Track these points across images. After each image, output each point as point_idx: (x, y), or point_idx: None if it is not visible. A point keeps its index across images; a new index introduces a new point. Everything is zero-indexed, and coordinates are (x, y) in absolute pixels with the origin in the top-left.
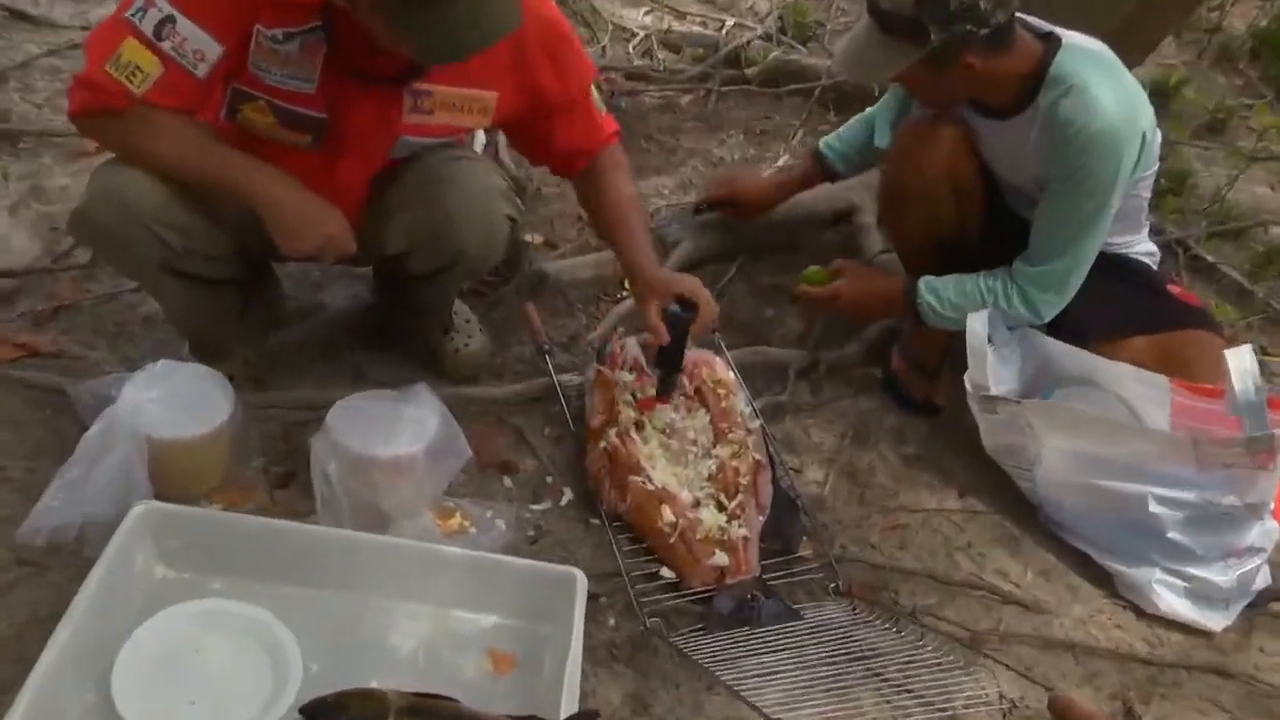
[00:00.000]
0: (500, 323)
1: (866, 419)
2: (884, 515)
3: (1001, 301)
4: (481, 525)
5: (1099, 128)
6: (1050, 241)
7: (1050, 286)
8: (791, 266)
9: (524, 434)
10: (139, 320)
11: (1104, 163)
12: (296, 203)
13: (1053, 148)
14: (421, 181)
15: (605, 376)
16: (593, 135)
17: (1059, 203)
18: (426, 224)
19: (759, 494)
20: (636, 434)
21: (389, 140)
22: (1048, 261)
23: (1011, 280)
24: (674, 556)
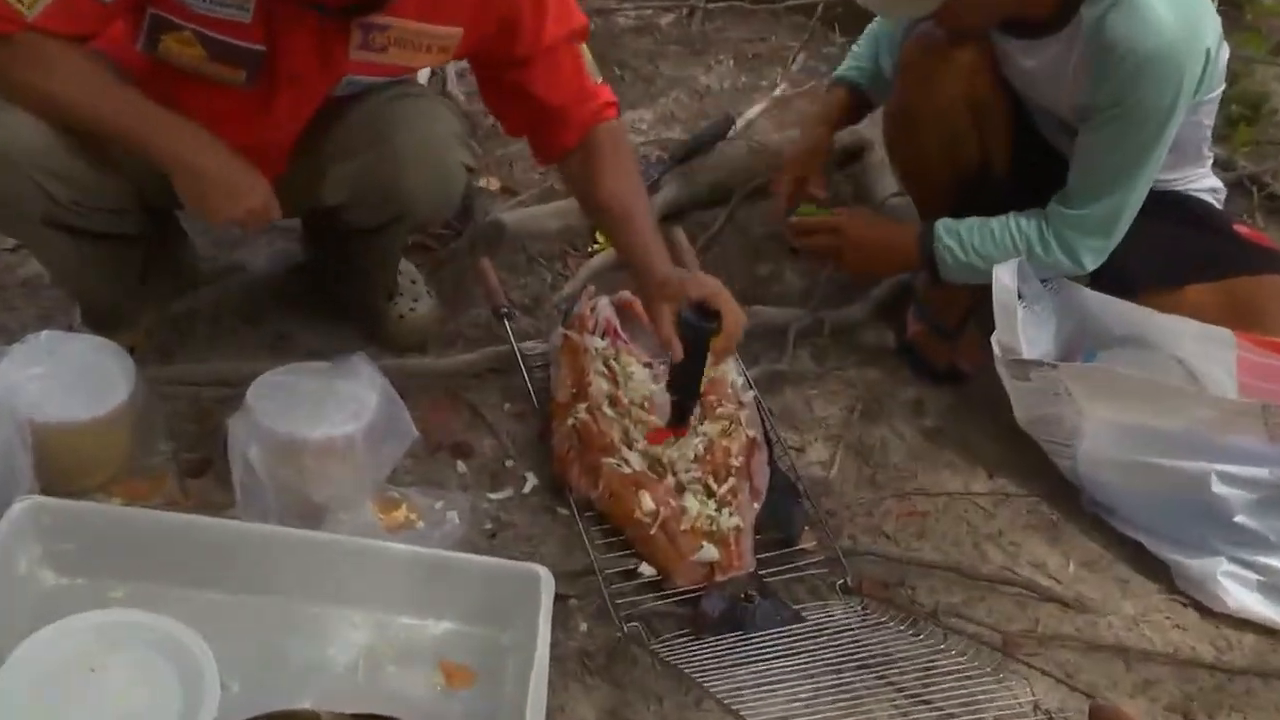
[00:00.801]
0: (451, 282)
1: (878, 389)
2: (899, 500)
3: (1037, 248)
4: (431, 518)
5: (1153, 47)
6: (1094, 179)
7: (1094, 230)
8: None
9: (480, 411)
10: (19, 284)
11: (1159, 88)
12: (216, 169)
13: (1098, 71)
14: (366, 124)
15: (573, 343)
16: (582, 100)
17: (1104, 134)
18: (371, 173)
19: (753, 477)
20: (610, 409)
21: (332, 80)
22: (1091, 202)
23: (1048, 223)
24: (655, 551)
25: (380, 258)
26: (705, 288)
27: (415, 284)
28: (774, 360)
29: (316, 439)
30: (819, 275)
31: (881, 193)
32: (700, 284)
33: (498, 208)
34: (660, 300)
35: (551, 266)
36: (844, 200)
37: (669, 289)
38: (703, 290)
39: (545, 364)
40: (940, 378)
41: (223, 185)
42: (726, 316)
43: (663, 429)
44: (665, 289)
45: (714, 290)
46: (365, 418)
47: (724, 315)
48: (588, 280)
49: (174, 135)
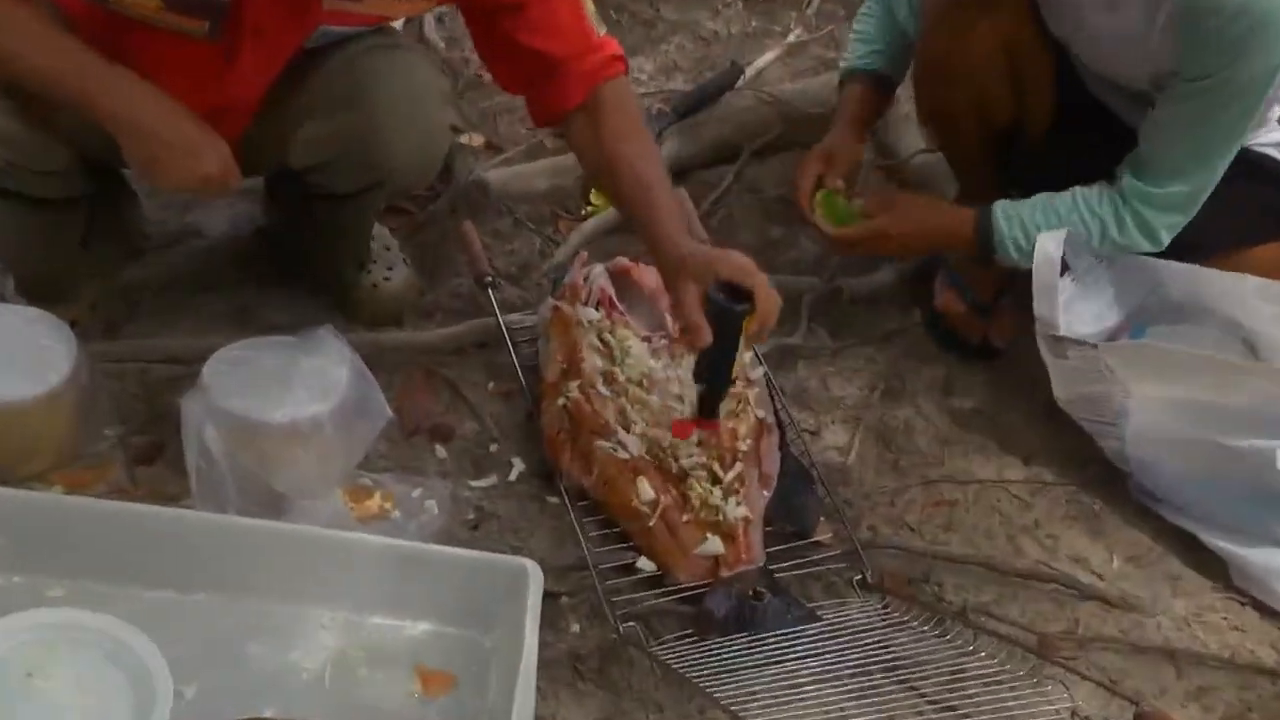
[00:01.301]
0: (429, 249)
1: (902, 366)
2: (925, 488)
3: (1112, 231)
4: (407, 507)
5: (1264, 11)
6: (1177, 154)
7: (1176, 208)
8: None
9: (461, 390)
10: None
11: (1263, 57)
12: (168, 130)
13: (1190, 34)
14: (339, 79)
15: (564, 315)
16: (585, 52)
17: (1193, 106)
18: (345, 135)
19: (763, 463)
20: (605, 388)
21: (303, 31)
22: (1174, 179)
23: (1124, 202)
24: (654, 543)
25: (352, 223)
26: (735, 265)
27: (389, 250)
28: (786, 334)
29: (280, 421)
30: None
31: (906, 149)
32: (729, 261)
33: (481, 166)
34: (684, 279)
35: (541, 230)
36: None
37: (694, 266)
38: (733, 268)
39: (533, 338)
40: (971, 353)
41: (175, 148)
42: (760, 297)
43: (688, 420)
44: (689, 266)
45: (745, 268)
46: (334, 397)
47: (757, 296)
48: (581, 246)
49: (120, 92)
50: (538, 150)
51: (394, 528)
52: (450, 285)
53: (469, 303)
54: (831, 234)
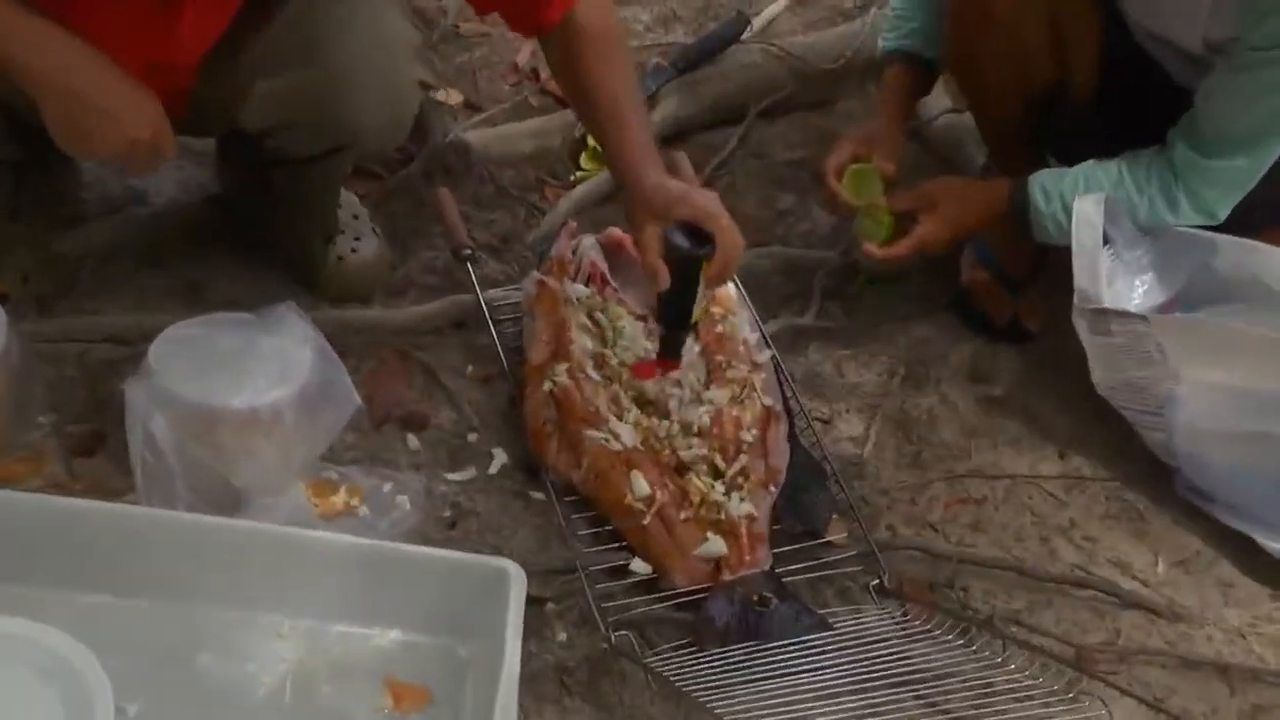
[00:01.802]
0: (402, 218)
1: (925, 348)
2: (950, 484)
3: (1163, 211)
4: (376, 503)
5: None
6: (1239, 126)
7: (1235, 184)
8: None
9: (436, 374)
10: None
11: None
12: (92, 89)
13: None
14: (296, 30)
15: (551, 291)
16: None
17: (1257, 77)
18: (304, 94)
19: (769, 455)
20: (596, 372)
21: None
22: (1235, 153)
23: (1176, 178)
24: (650, 544)
25: (315, 190)
26: (696, 206)
27: (358, 219)
28: (797, 313)
29: (235, 408)
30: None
31: (929, 109)
32: (691, 201)
33: (459, 127)
34: (645, 216)
35: (525, 198)
36: None
37: (656, 204)
38: (694, 209)
39: (517, 317)
40: (1001, 335)
41: (99, 112)
42: (722, 242)
43: (650, 361)
44: (652, 203)
45: (707, 209)
46: (296, 382)
47: (719, 240)
48: (569, 215)
49: (38, 46)
50: (522, 109)
51: (362, 526)
52: (425, 258)
53: (445, 278)
54: (878, 254)
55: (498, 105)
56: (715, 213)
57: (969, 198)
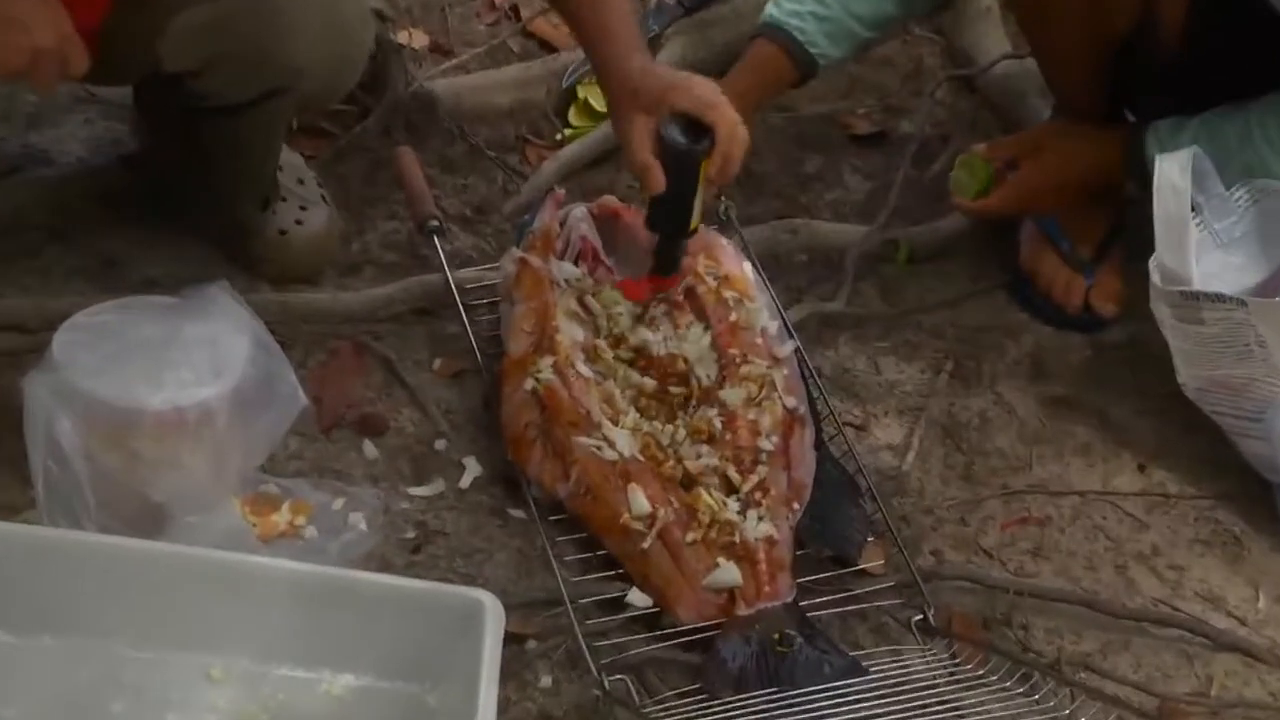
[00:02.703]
0: (356, 183)
1: (978, 340)
2: (1007, 502)
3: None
4: (326, 523)
5: None
6: None
7: None
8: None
9: (397, 369)
10: None
11: None
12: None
13: None
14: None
15: (534, 271)
16: None
17: None
18: (233, 23)
19: (793, 467)
20: (587, 367)
21: None
22: None
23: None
24: (650, 571)
25: (251, 147)
26: (694, 95)
27: (303, 184)
28: (825, 297)
29: (156, 409)
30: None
31: (985, 54)
32: (687, 89)
33: (425, 74)
34: (633, 110)
35: (503, 160)
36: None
37: (646, 96)
38: (691, 98)
39: (494, 301)
40: (1069, 322)
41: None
42: (722, 135)
43: (642, 278)
44: (641, 95)
45: (706, 98)
46: (229, 378)
47: (718, 133)
48: (556, 180)
49: None
50: (499, 54)
51: (308, 549)
52: (383, 231)
53: (408, 255)
54: (972, 206)
55: (471, 49)
56: (714, 101)
57: (1078, 145)
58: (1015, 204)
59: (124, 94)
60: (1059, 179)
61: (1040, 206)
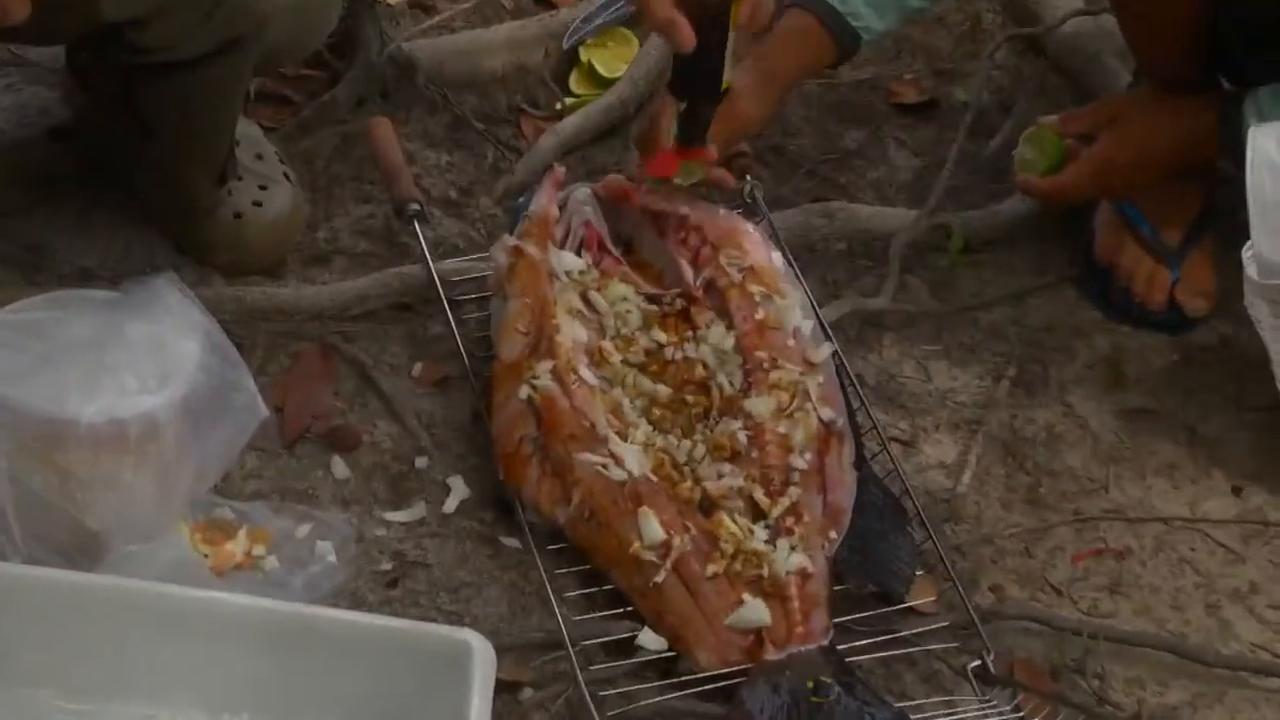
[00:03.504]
0: (324, 159)
1: (1044, 341)
2: (1079, 530)
3: None
4: (289, 553)
5: None
6: None
7: None
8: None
9: (372, 375)
10: None
11: None
12: None
13: None
14: None
15: (531, 263)
16: None
17: None
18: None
19: (829, 488)
20: (591, 372)
21: None
22: None
23: None
24: (665, 609)
25: (203, 114)
26: None
27: (262, 160)
28: (867, 292)
29: (92, 421)
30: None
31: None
32: None
33: (404, 34)
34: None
35: (494, 134)
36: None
37: None
38: None
39: (484, 297)
40: (1151, 322)
41: None
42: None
43: (667, 151)
44: None
45: None
46: (177, 386)
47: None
48: (555, 157)
49: None
50: (490, 10)
51: (269, 583)
52: (356, 215)
53: (384, 243)
54: (1040, 186)
55: (456, 5)
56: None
57: (1164, 115)
58: (1090, 183)
59: (54, 55)
60: (1141, 155)
61: (1119, 186)
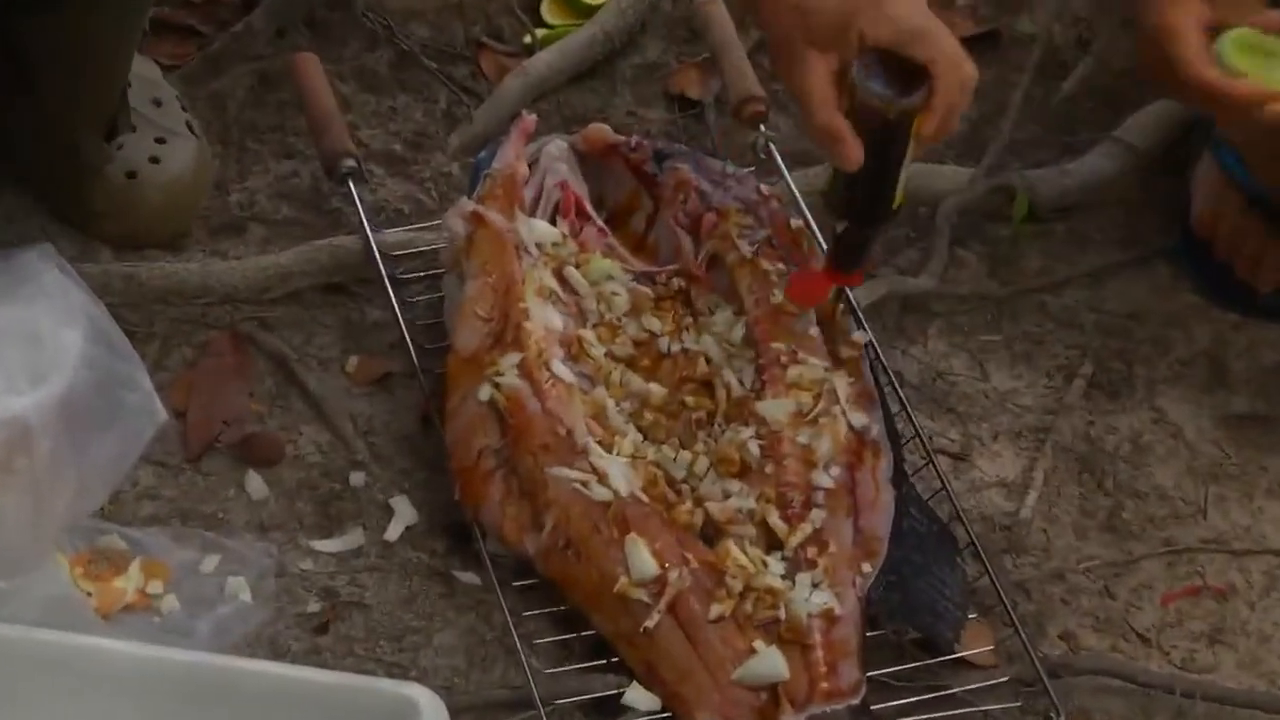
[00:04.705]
0: (237, 104)
1: (1129, 331)
2: (1170, 564)
3: None
4: (194, 591)
5: None
6: None
7: None
8: None
9: (296, 372)
10: None
11: None
12: None
13: None
14: None
15: (493, 232)
16: None
17: None
18: None
19: (862, 512)
20: (568, 367)
21: None
22: None
23: None
24: (658, 660)
25: (89, 51)
26: (895, 20)
27: (161, 107)
28: (909, 269)
29: None
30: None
31: None
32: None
33: None
34: (803, 45)
35: (448, 73)
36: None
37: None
38: (893, 24)
39: (436, 274)
40: (1260, 309)
41: None
42: (940, 75)
43: (814, 271)
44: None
45: (912, 23)
46: (55, 383)
47: (936, 74)
48: (524, 102)
49: None
50: None
51: (168, 628)
52: (276, 174)
53: (311, 208)
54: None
55: None
56: (924, 27)
57: None
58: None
59: None
60: None
61: None
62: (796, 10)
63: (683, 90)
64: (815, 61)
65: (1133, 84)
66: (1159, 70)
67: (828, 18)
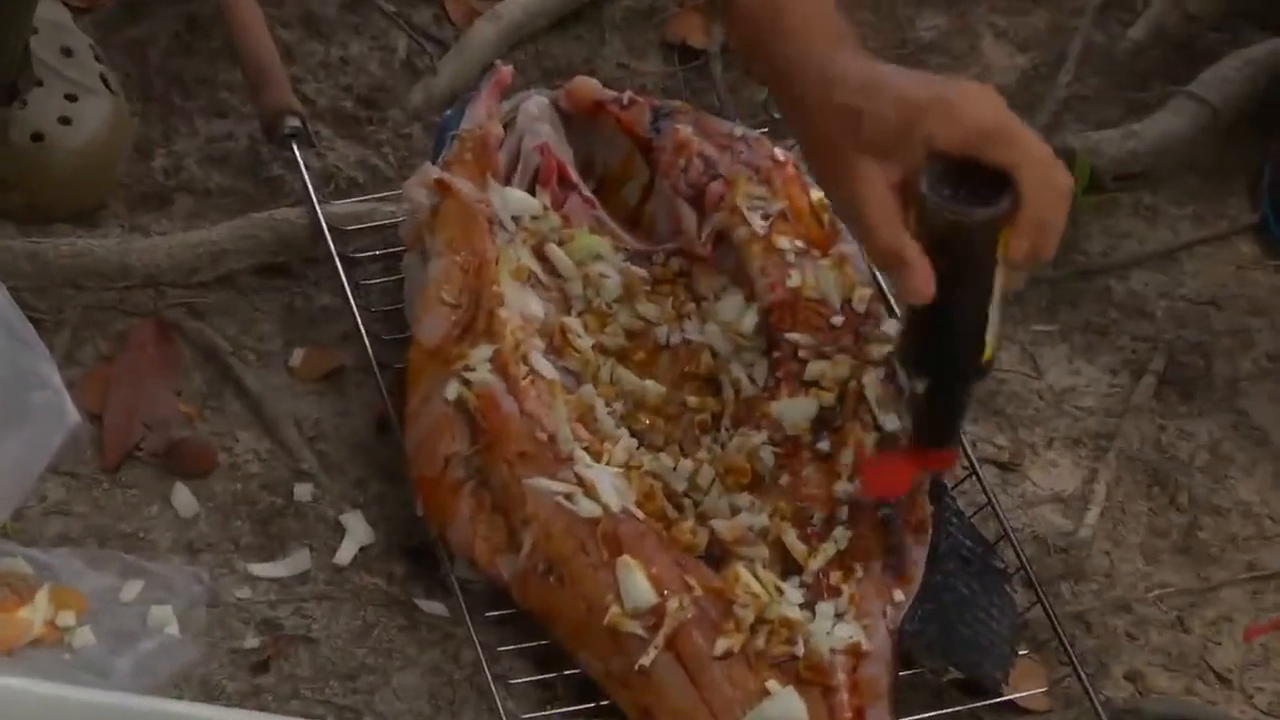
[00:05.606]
0: (161, 54)
1: (1206, 322)
2: (1255, 593)
3: None
4: (112, 622)
5: None
6: None
7: None
8: None
9: (231, 367)
10: None
11: None
12: None
13: None
14: None
15: (462, 204)
16: None
17: None
18: None
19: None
20: (550, 361)
21: None
22: None
23: None
24: (654, 702)
25: None
26: (967, 120)
27: (73, 58)
28: None
29: None
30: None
31: None
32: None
33: None
34: (855, 152)
35: (408, 18)
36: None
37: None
38: (964, 126)
39: (394, 253)
40: None
41: None
42: (1028, 183)
43: (899, 453)
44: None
45: (988, 124)
46: None
47: (1022, 179)
48: (498, 52)
49: None
50: None
51: (81, 665)
52: (207, 135)
53: (248, 176)
54: None
55: None
56: (1003, 127)
57: None
58: None
59: None
60: None
61: None
62: (846, 112)
63: (683, 38)
64: (872, 172)
65: (1210, 29)
66: None
67: (887, 121)
